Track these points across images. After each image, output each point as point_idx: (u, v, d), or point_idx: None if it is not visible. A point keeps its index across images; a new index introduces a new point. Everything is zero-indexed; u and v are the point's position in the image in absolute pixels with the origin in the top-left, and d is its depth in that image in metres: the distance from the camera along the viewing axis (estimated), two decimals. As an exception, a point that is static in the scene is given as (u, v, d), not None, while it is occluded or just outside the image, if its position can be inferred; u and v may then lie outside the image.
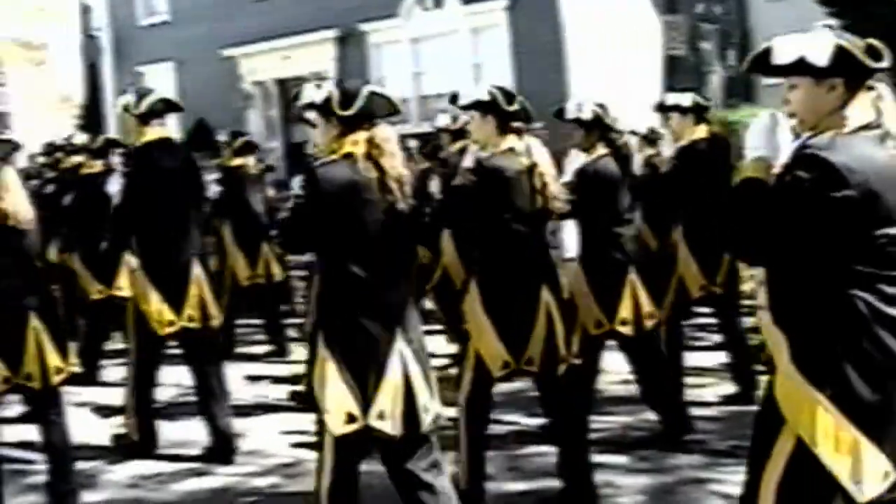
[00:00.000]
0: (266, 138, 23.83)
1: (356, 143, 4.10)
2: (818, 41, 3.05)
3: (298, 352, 8.40)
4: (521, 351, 5.02)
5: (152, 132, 6.32)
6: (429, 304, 8.84)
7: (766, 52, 3.15)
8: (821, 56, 3.03)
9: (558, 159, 5.69)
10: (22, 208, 5.21)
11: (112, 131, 25.21)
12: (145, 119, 6.29)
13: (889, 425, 3.07)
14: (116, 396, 6.76)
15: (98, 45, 28.45)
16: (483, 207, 4.98)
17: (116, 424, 6.64)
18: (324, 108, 4.17)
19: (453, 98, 5.32)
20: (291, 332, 9.42)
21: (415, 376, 4.12)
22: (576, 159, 6.08)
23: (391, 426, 4.07)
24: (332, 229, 4.06)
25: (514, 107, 5.12)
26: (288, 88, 24.54)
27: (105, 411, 7.42)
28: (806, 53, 3.06)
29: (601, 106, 6.04)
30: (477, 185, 4.92)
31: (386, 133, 4.19)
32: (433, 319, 8.60)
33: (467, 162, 5.07)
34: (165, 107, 6.42)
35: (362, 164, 4.06)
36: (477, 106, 5.15)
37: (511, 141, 5.13)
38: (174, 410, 7.26)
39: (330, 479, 4.13)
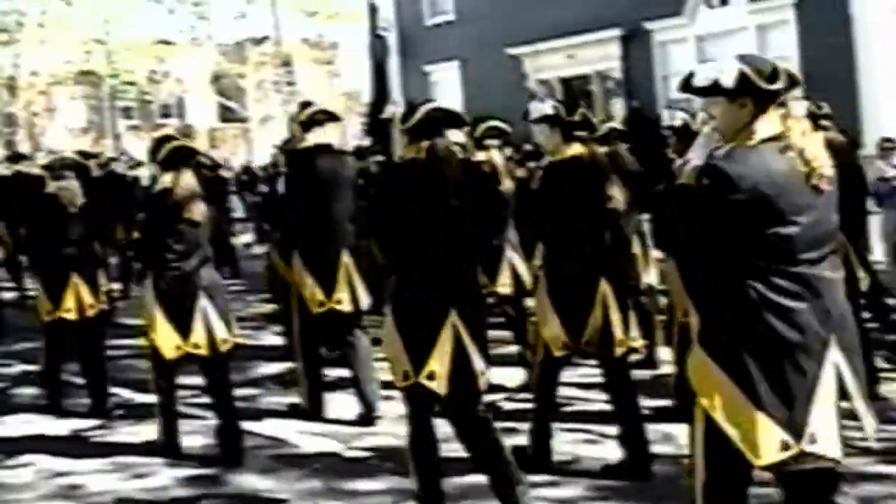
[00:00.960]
0: (549, 137, 27.09)
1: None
2: (726, 67, 4.16)
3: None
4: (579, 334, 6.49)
5: (313, 137, 8.67)
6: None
7: (689, 77, 4.37)
8: (728, 80, 4.14)
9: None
10: (195, 206, 7.32)
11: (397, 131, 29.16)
12: (307, 127, 8.72)
13: (782, 400, 4.01)
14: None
15: (385, 44, 32.44)
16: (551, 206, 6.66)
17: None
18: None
19: (524, 114, 6.75)
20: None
21: (468, 345, 5.59)
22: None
23: (437, 385, 5.53)
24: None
25: (576, 118, 6.64)
26: (572, 87, 27.81)
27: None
28: (718, 77, 4.18)
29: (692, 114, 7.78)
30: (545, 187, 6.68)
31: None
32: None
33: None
34: (326, 117, 8.55)
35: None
36: (545, 119, 6.66)
37: (575, 149, 6.64)
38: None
39: (409, 428, 5.82)
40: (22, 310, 13.00)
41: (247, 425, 7.92)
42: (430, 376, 5.53)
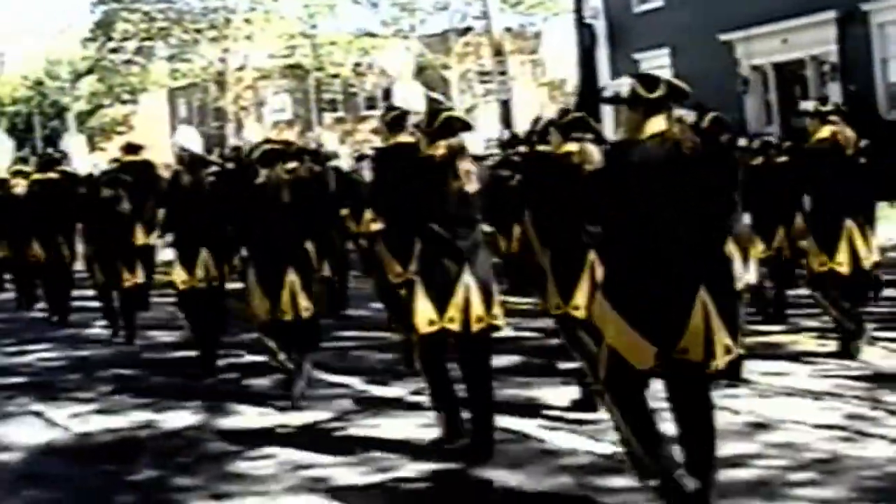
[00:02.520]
0: (763, 124, 26.75)
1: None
2: (624, 83, 5.81)
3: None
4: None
5: (401, 136, 9.37)
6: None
7: (601, 91, 6.22)
8: (624, 93, 5.76)
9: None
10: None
11: (606, 119, 30.03)
12: (391, 127, 9.56)
13: (651, 322, 5.56)
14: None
15: (593, 32, 32.99)
16: None
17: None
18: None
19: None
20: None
21: (474, 297, 7.16)
22: None
23: (454, 326, 7.16)
24: None
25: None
26: (786, 73, 28.05)
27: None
28: (619, 91, 5.83)
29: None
30: None
31: None
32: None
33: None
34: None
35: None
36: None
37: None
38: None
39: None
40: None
41: None
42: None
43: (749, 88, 28.52)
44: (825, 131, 9.89)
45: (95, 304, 14.36)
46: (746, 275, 9.17)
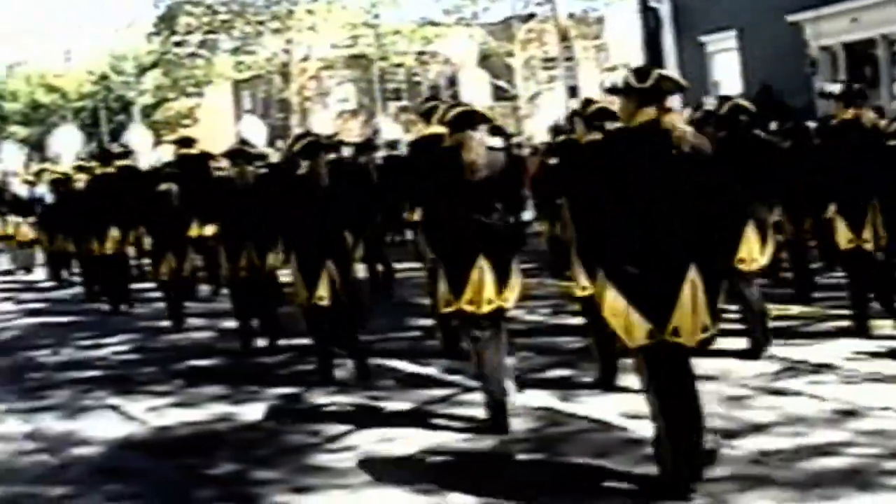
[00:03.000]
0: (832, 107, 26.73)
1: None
2: (620, 76, 6.30)
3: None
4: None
5: (432, 129, 9.55)
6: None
7: (602, 84, 6.86)
8: (619, 84, 6.20)
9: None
10: None
11: (673, 102, 29.62)
12: (424, 118, 9.93)
13: (647, 299, 5.92)
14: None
15: (658, 16, 32.65)
16: None
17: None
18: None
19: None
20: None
21: (487, 280, 7.63)
22: None
23: (473, 308, 7.65)
24: None
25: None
26: (856, 53, 27.31)
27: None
28: (615, 83, 6.29)
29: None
30: None
31: None
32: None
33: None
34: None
35: None
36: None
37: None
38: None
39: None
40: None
41: (564, 407, 8.15)
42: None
43: (818, 70, 27.89)
44: (848, 113, 10.26)
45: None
46: (762, 258, 9.61)
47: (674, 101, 16.81)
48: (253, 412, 8.95)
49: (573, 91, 33.83)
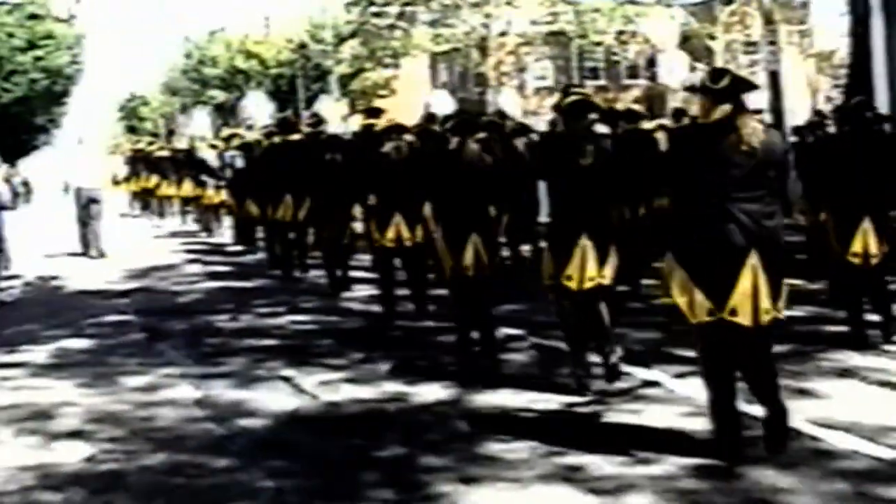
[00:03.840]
0: None
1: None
2: (696, 77, 6.87)
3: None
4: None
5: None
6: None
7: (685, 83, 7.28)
8: (697, 84, 6.71)
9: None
10: None
11: (881, 92, 28.69)
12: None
13: (707, 280, 6.51)
14: None
15: (867, 1, 31.69)
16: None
17: None
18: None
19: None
20: None
21: (589, 258, 8.22)
22: None
23: (573, 284, 8.24)
24: None
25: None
26: None
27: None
28: (694, 82, 6.79)
29: None
30: None
31: None
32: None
33: None
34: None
35: None
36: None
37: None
38: None
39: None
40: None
41: (751, 410, 7.28)
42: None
43: None
44: None
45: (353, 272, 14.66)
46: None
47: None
48: (426, 393, 8.69)
49: (774, 76, 32.67)
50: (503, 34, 49.15)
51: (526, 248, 15.36)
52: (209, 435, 7.82)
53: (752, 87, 6.94)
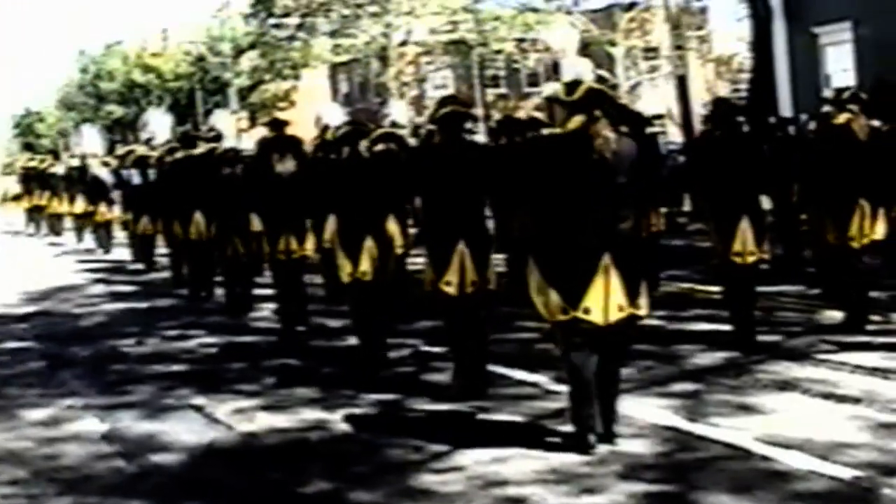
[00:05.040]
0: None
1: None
2: (554, 88, 7.23)
3: None
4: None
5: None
6: None
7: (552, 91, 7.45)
8: (552, 95, 7.29)
9: None
10: None
11: (783, 94, 28.74)
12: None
13: (567, 286, 6.75)
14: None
15: (768, 5, 31.66)
16: None
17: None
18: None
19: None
20: None
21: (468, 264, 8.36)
22: None
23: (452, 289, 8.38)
24: None
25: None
26: None
27: None
28: (554, 92, 7.36)
29: None
30: None
31: None
32: None
33: None
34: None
35: None
36: None
37: None
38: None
39: None
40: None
41: (693, 429, 7.29)
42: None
43: (937, 63, 26.78)
44: (841, 118, 10.65)
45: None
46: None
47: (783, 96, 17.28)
48: (350, 420, 8.15)
49: (682, 80, 32.59)
50: (403, 44, 48.80)
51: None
52: (119, 474, 7.23)
53: (607, 98, 7.21)
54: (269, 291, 13.39)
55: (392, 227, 10.10)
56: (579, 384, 6.94)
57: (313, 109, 12.83)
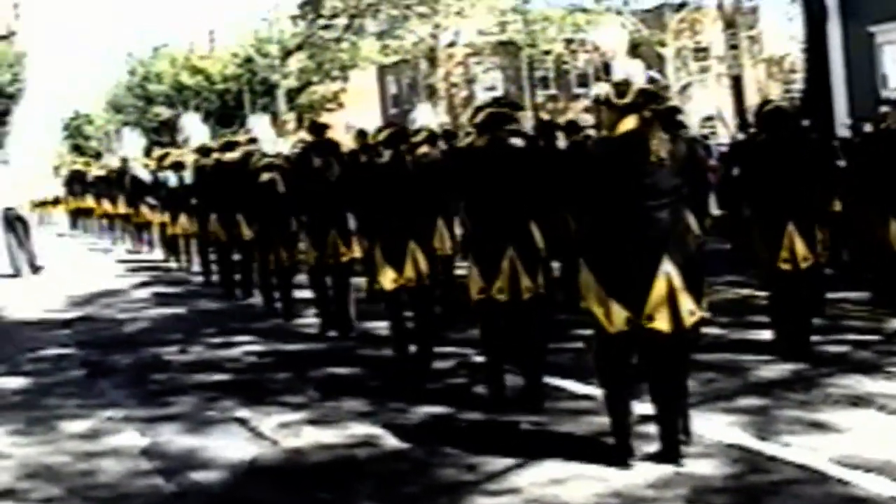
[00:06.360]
0: None
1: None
2: (602, 90, 6.85)
3: None
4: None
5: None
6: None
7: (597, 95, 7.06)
8: (602, 97, 6.84)
9: None
10: None
11: (839, 96, 28.15)
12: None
13: (628, 293, 6.49)
14: None
15: (823, 4, 31.21)
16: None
17: None
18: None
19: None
20: None
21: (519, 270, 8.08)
22: None
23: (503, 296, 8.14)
24: None
25: None
26: None
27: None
28: (599, 95, 6.90)
29: None
30: None
31: None
32: None
33: None
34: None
35: None
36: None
37: None
38: None
39: None
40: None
41: (763, 448, 6.90)
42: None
43: None
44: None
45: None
46: None
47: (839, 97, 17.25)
48: (400, 436, 7.76)
49: (737, 81, 32.12)
50: (452, 45, 48.58)
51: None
52: (158, 492, 6.89)
53: (659, 99, 7.04)
54: (310, 295, 12.97)
55: (440, 230, 10.09)
56: (612, 390, 6.92)
57: (363, 110, 12.56)
